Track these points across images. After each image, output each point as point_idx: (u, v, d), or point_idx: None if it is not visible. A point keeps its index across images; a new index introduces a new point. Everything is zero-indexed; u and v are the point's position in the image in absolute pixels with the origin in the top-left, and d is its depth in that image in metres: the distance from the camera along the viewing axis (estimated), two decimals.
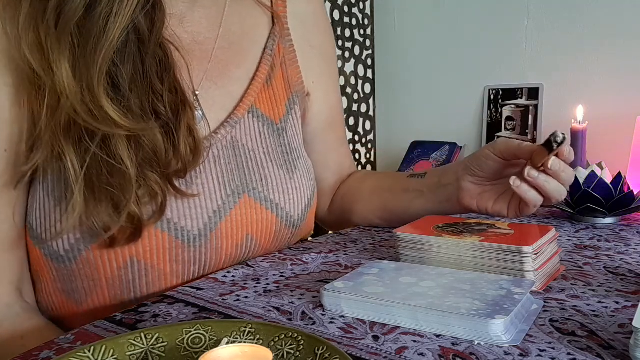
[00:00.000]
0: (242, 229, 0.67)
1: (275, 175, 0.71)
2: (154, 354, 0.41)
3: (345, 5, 2.02)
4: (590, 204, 0.85)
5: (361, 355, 0.43)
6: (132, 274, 0.62)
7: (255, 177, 0.69)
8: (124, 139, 0.56)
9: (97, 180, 0.56)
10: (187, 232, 0.63)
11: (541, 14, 1.82)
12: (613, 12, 1.69)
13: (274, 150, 0.72)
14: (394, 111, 2.16)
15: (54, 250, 0.61)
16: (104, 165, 0.56)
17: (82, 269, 0.62)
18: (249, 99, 0.71)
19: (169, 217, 0.62)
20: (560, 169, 0.62)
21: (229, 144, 0.68)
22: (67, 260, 0.61)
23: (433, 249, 0.62)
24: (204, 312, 0.53)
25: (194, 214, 0.64)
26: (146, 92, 0.58)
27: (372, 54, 2.16)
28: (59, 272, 0.63)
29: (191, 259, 0.65)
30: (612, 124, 1.70)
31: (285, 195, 0.71)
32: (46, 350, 0.45)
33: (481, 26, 1.94)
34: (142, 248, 0.61)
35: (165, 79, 0.60)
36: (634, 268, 0.63)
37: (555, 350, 0.43)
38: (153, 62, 0.59)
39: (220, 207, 0.65)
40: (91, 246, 0.60)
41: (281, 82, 0.76)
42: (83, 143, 0.55)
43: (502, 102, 1.94)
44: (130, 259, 0.61)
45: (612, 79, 1.72)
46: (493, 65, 1.95)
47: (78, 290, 0.64)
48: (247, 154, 0.69)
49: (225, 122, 0.69)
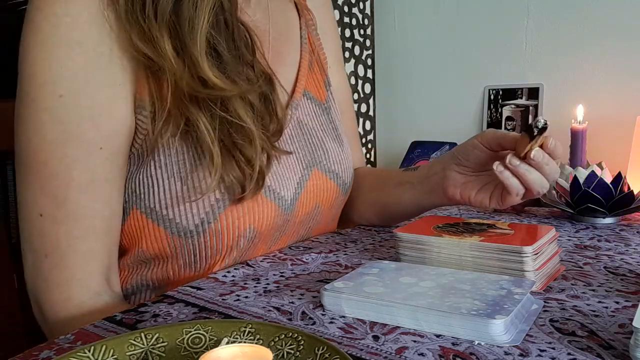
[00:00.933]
0: (314, 199, 0.76)
1: (332, 148, 0.80)
2: (154, 354, 0.41)
3: (345, 5, 2.02)
4: (590, 204, 0.85)
5: (361, 355, 0.43)
6: (248, 241, 0.69)
7: (320, 152, 0.78)
8: (239, 100, 0.63)
9: (228, 139, 0.63)
10: (283, 200, 0.71)
11: (541, 14, 1.82)
12: (613, 12, 1.69)
13: (327, 127, 0.81)
14: (394, 111, 2.16)
15: (184, 226, 0.65)
16: (229, 125, 0.63)
17: (209, 240, 0.66)
18: (301, 83, 0.80)
19: (273, 187, 0.69)
20: (544, 161, 0.61)
21: (296, 125, 0.77)
22: (197, 234, 0.65)
23: (433, 249, 0.62)
24: (204, 312, 0.53)
25: (286, 183, 0.71)
26: (240, 63, 0.65)
27: (372, 54, 2.15)
28: (183, 248, 0.66)
29: (281, 226, 0.72)
30: (612, 124, 1.70)
31: (341, 165, 0.80)
32: (46, 350, 0.45)
33: (481, 26, 1.94)
34: (257, 216, 0.68)
35: (251, 52, 0.67)
36: (634, 268, 0.63)
37: (555, 350, 0.43)
38: (240, 36, 0.66)
39: (300, 179, 0.74)
40: (219, 216, 0.65)
41: (317, 67, 0.85)
42: (208, 109, 0.62)
43: (502, 102, 1.94)
44: (249, 226, 0.67)
45: (612, 79, 1.72)
46: (493, 65, 1.94)
47: (199, 261, 0.68)
48: (310, 131, 0.78)
49: (288, 105, 0.77)
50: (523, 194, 0.65)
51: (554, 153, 0.62)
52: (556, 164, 0.64)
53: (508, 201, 0.66)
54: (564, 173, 0.92)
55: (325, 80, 0.85)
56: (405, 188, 0.80)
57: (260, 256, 0.72)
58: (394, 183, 0.82)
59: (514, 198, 0.65)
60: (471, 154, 0.70)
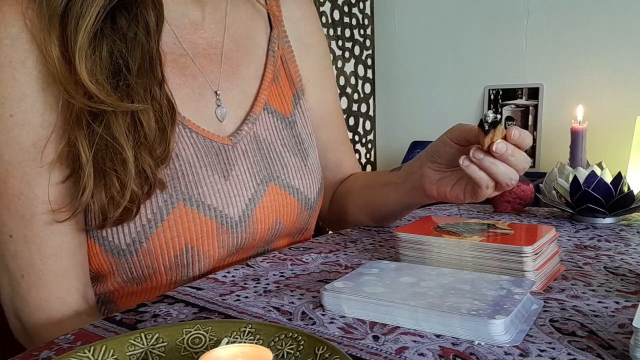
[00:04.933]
0: (272, 213, 0.74)
1: (293, 163, 0.78)
2: (154, 354, 0.41)
3: (345, 5, 2.02)
4: (590, 204, 0.85)
5: (361, 355, 0.43)
6: (187, 259, 0.68)
7: (277, 166, 0.76)
8: (120, 120, 0.60)
9: (102, 162, 0.60)
10: (230, 218, 0.69)
11: (541, 14, 1.82)
12: (613, 12, 1.69)
13: (289, 141, 0.79)
14: (394, 111, 2.16)
15: (116, 245, 0.64)
16: (106, 146, 0.60)
17: (143, 260, 0.66)
18: (263, 97, 0.78)
19: (215, 205, 0.68)
20: (509, 153, 0.60)
21: (252, 139, 0.75)
22: (129, 253, 0.65)
23: (433, 249, 0.62)
24: (204, 312, 0.53)
25: (234, 202, 0.70)
26: (150, 77, 0.63)
27: (372, 54, 2.16)
28: (119, 266, 0.66)
29: (233, 243, 0.71)
30: (612, 124, 1.70)
31: (302, 180, 0.78)
32: (46, 351, 0.45)
33: (481, 26, 1.94)
34: (195, 235, 0.67)
35: (161, 73, 0.65)
36: (634, 268, 0.63)
37: (555, 350, 0.43)
38: (158, 55, 0.64)
39: (253, 195, 0.72)
40: (151, 236, 0.64)
41: (285, 80, 0.82)
42: (90, 127, 0.60)
43: (502, 102, 1.94)
44: (185, 246, 0.66)
45: (612, 79, 1.72)
46: (493, 65, 1.95)
47: (136, 278, 0.68)
48: (268, 146, 0.76)
49: (246, 119, 0.75)
50: (494, 186, 0.63)
51: (521, 143, 0.61)
52: (525, 153, 0.62)
53: (480, 195, 0.65)
54: (564, 173, 0.92)
55: (295, 93, 0.83)
56: (390, 188, 0.79)
57: (260, 256, 0.72)
58: (380, 184, 0.82)
59: (485, 191, 0.64)
60: (442, 150, 0.69)
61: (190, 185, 0.66)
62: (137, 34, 0.63)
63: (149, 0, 0.64)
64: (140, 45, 0.63)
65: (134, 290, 0.70)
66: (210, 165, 0.69)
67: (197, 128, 0.69)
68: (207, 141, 0.70)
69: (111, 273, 0.67)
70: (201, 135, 0.69)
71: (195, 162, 0.68)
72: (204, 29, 0.74)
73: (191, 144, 0.68)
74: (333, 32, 1.98)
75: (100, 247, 0.65)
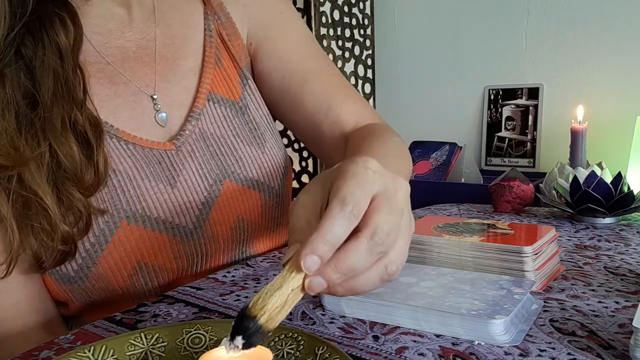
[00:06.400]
0: (232, 213, 0.69)
1: (249, 153, 0.71)
2: (154, 354, 0.41)
3: (345, 5, 2.01)
4: (590, 204, 0.85)
5: (361, 355, 0.43)
6: (143, 277, 0.64)
7: (231, 161, 0.70)
8: (33, 168, 0.56)
9: (24, 214, 0.56)
10: (182, 227, 0.65)
11: (541, 14, 1.82)
12: (613, 12, 1.69)
13: (242, 130, 0.72)
14: (394, 111, 2.16)
15: (64, 273, 0.61)
16: (24, 199, 0.56)
17: (96, 283, 0.62)
18: (205, 87, 0.71)
19: (163, 218, 0.64)
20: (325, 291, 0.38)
21: (199, 137, 0.69)
22: (79, 279, 0.62)
23: (433, 248, 0.62)
24: (204, 312, 0.53)
25: (184, 210, 0.66)
26: (68, 102, 0.59)
27: (372, 54, 2.16)
28: (73, 293, 0.63)
29: (192, 252, 0.67)
30: (612, 124, 1.70)
31: (261, 169, 0.72)
32: (46, 350, 0.45)
33: (481, 26, 1.94)
34: (145, 251, 0.63)
35: (82, 92, 0.61)
36: (634, 268, 0.63)
37: (555, 350, 0.43)
38: (76, 76, 0.60)
39: (207, 198, 0.67)
40: (98, 259, 0.61)
41: (229, 61, 0.75)
42: (1, 183, 0.56)
43: (502, 102, 1.94)
44: (138, 264, 0.63)
45: (612, 79, 1.72)
46: (493, 65, 1.95)
47: (97, 301, 0.65)
48: (218, 141, 0.70)
49: (188, 116, 0.69)
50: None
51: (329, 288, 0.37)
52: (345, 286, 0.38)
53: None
54: (564, 173, 0.92)
55: (241, 73, 0.75)
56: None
57: (260, 256, 0.72)
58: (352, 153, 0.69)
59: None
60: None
61: (133, 200, 0.62)
62: (45, 60, 0.58)
63: (55, 20, 0.60)
64: (51, 70, 0.58)
65: (103, 309, 0.66)
66: (152, 175, 0.64)
67: (134, 138, 0.65)
68: (146, 150, 0.65)
69: (70, 299, 0.64)
70: (139, 146, 0.64)
71: (135, 174, 0.63)
72: (132, 29, 0.69)
73: (129, 157, 0.63)
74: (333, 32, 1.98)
75: (50, 276, 0.62)
